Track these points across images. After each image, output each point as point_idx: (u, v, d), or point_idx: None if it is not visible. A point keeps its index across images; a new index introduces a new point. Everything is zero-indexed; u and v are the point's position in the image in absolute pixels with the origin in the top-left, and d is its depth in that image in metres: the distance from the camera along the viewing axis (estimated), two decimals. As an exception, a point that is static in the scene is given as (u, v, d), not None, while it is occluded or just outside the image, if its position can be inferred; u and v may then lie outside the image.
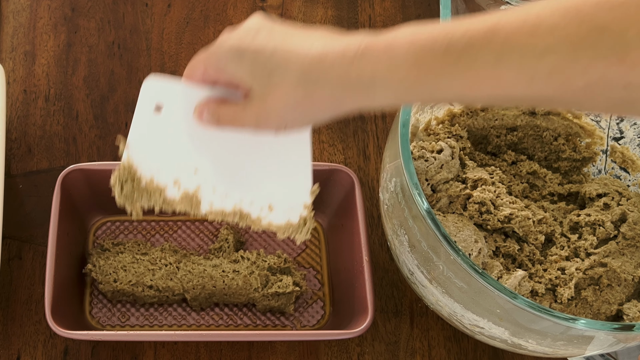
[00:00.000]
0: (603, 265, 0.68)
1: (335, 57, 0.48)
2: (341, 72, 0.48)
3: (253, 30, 0.52)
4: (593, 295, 0.68)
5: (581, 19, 0.40)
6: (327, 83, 0.49)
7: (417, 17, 0.94)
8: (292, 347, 0.76)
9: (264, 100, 0.52)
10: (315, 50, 0.49)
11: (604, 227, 0.71)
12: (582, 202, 0.76)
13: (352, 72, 0.48)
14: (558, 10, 0.41)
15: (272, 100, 0.52)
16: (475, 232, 0.68)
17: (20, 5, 0.91)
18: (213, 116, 0.57)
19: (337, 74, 0.48)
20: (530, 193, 0.76)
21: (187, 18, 0.92)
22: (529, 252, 0.70)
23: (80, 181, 0.76)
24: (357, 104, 0.50)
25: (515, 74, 0.43)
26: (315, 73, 0.49)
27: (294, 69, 0.50)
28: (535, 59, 0.41)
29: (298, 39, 0.50)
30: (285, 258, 0.77)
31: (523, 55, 0.42)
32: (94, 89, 0.87)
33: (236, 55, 0.52)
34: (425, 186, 0.70)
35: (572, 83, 0.41)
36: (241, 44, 0.52)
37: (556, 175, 0.77)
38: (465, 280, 0.61)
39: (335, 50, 0.48)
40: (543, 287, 0.68)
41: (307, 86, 0.50)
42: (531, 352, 0.67)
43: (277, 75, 0.50)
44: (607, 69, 0.40)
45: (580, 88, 0.41)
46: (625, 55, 0.39)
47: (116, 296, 0.75)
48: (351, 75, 0.48)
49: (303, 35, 0.51)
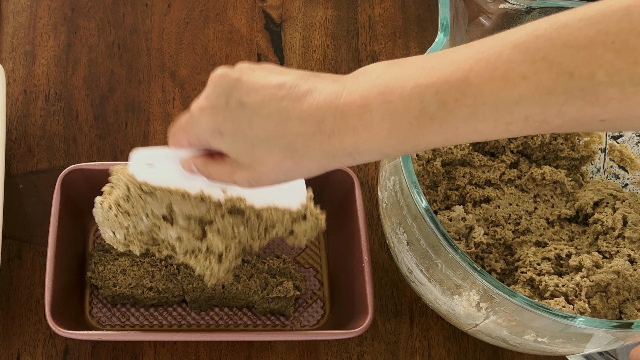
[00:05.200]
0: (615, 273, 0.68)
1: (315, 130, 0.48)
2: (323, 146, 0.48)
3: (222, 96, 0.51)
4: (600, 302, 0.68)
5: (549, 64, 0.40)
6: (312, 155, 0.49)
7: (417, 17, 0.94)
8: (292, 347, 0.76)
9: (254, 168, 0.52)
10: (293, 119, 0.48)
11: (617, 248, 0.71)
12: (584, 217, 0.76)
13: (334, 144, 0.48)
14: (526, 57, 0.41)
15: (262, 169, 0.51)
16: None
17: (20, 5, 0.91)
18: (203, 172, 0.56)
19: (320, 147, 0.48)
20: (540, 212, 0.76)
21: (187, 18, 0.92)
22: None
23: (80, 181, 0.76)
24: (345, 164, 0.50)
25: (492, 123, 0.43)
26: (299, 144, 0.49)
27: (277, 142, 0.49)
28: (510, 108, 0.42)
29: (271, 103, 0.49)
30: (284, 259, 0.76)
31: (497, 107, 0.42)
32: (94, 89, 0.87)
33: (216, 133, 0.52)
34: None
35: (548, 124, 0.42)
36: (217, 122, 0.51)
37: (560, 174, 0.77)
38: (463, 278, 0.61)
39: (312, 119, 0.48)
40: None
41: (294, 157, 0.49)
42: (530, 350, 0.67)
43: (261, 149, 0.50)
44: (581, 109, 0.41)
45: (556, 126, 0.42)
46: (597, 96, 0.40)
47: (116, 300, 0.75)
48: (334, 147, 0.48)
49: (275, 97, 0.49)
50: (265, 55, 0.91)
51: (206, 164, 0.55)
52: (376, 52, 0.92)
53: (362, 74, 0.48)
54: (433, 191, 0.74)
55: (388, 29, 0.94)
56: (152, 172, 0.61)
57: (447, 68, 0.44)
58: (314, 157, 0.49)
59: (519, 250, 0.72)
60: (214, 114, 0.51)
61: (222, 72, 0.51)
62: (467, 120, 0.43)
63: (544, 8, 0.70)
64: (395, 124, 0.45)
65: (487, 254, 0.71)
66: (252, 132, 0.50)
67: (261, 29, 0.93)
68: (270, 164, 0.50)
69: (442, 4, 0.66)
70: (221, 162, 0.54)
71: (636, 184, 0.78)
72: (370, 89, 0.46)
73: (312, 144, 0.48)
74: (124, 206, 0.62)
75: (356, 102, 0.46)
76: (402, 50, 0.92)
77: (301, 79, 0.49)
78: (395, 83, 0.45)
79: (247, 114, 0.49)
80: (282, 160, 0.50)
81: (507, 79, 0.41)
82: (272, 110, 0.49)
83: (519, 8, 0.70)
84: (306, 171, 0.51)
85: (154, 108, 0.87)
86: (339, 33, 0.93)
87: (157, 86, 0.88)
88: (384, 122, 0.45)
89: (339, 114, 0.47)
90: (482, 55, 0.43)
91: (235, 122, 0.50)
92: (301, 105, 0.48)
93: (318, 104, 0.48)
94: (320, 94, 0.48)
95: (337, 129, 0.47)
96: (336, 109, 0.47)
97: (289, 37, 0.92)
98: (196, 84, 0.89)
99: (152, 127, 0.86)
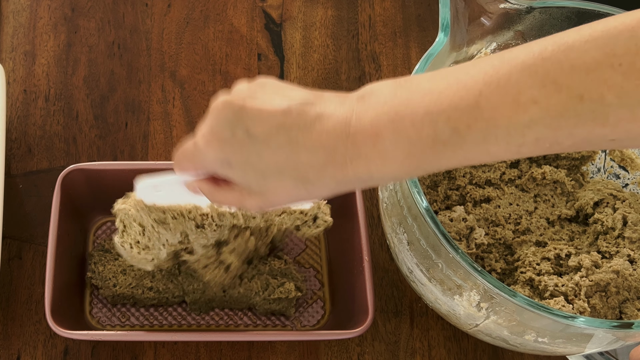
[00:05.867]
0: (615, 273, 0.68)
1: (326, 160, 0.47)
2: (337, 175, 0.47)
3: (228, 127, 0.49)
4: (600, 302, 0.68)
5: (558, 88, 0.41)
6: (325, 184, 0.48)
7: (417, 17, 0.94)
8: (292, 347, 0.76)
9: (265, 195, 0.51)
10: (304, 150, 0.47)
11: (617, 248, 0.71)
12: (584, 217, 0.76)
13: (347, 172, 0.47)
14: (536, 80, 0.41)
15: (274, 197, 0.51)
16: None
17: (20, 5, 0.91)
18: (210, 198, 0.55)
19: (333, 176, 0.47)
20: (540, 212, 0.76)
21: (187, 18, 0.92)
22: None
23: (80, 181, 0.76)
24: (358, 188, 0.50)
25: (504, 146, 0.43)
26: (311, 175, 0.48)
27: (288, 173, 0.48)
28: (521, 132, 0.42)
29: (280, 133, 0.47)
30: (285, 260, 0.76)
31: (508, 130, 0.42)
32: (94, 89, 0.87)
33: (224, 165, 0.51)
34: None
35: (559, 145, 0.43)
36: (225, 154, 0.50)
37: (560, 174, 0.77)
38: (463, 278, 0.61)
39: (323, 149, 0.47)
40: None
41: (306, 186, 0.49)
42: (530, 351, 0.67)
43: (272, 180, 0.49)
44: (591, 131, 0.41)
45: (567, 147, 0.43)
46: (607, 118, 0.40)
47: (117, 300, 0.75)
48: (348, 175, 0.47)
49: (283, 126, 0.47)
50: (265, 55, 0.91)
51: (213, 191, 0.54)
52: (376, 52, 0.92)
53: (368, 97, 0.47)
54: (433, 191, 0.74)
55: (388, 28, 0.94)
56: (159, 196, 0.62)
57: (457, 93, 0.43)
58: (326, 185, 0.48)
59: (518, 250, 0.72)
60: (220, 145, 0.50)
61: (224, 101, 0.49)
62: (480, 144, 0.43)
63: (544, 8, 0.70)
64: (408, 152, 0.45)
65: (487, 254, 0.71)
66: (262, 164, 0.49)
67: (261, 28, 0.93)
68: (281, 193, 0.50)
69: (443, 3, 0.66)
70: (229, 188, 0.53)
71: (636, 184, 0.78)
72: (380, 116, 0.45)
73: (324, 174, 0.48)
74: (143, 242, 0.64)
75: (367, 130, 0.45)
76: (402, 50, 0.92)
77: (307, 103, 0.48)
78: (405, 110, 0.45)
79: (255, 145, 0.48)
80: (294, 189, 0.49)
81: (518, 103, 0.42)
82: (281, 141, 0.47)
83: (520, 8, 0.70)
84: (318, 196, 0.50)
85: (154, 108, 0.87)
86: (339, 33, 0.93)
87: (157, 86, 0.88)
88: (396, 150, 0.45)
89: (351, 143, 0.46)
90: (491, 79, 0.43)
91: (244, 154, 0.49)
92: (311, 134, 0.47)
93: (328, 133, 0.46)
94: (329, 120, 0.47)
95: (350, 158, 0.46)
96: (347, 137, 0.46)
97: (289, 37, 0.92)
98: (196, 83, 0.89)
99: (152, 127, 0.86)
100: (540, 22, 0.71)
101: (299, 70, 0.90)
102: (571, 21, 0.71)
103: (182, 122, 0.86)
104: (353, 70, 0.91)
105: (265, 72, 0.90)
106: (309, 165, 0.47)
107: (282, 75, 0.90)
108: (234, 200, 0.53)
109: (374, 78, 0.90)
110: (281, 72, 0.90)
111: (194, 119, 0.87)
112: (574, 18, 0.71)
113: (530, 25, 0.71)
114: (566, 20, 0.71)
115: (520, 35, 0.72)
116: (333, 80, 0.90)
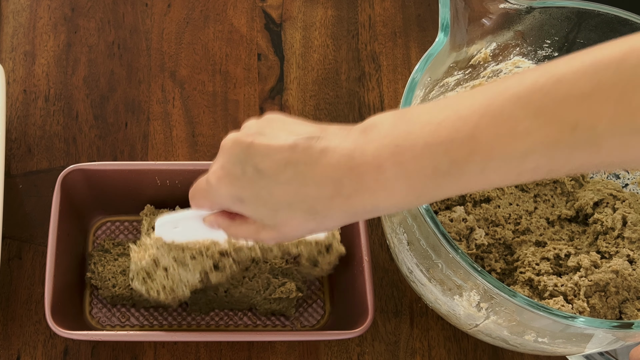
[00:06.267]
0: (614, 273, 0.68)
1: (333, 193, 0.49)
2: (344, 207, 0.49)
3: (238, 165, 0.51)
4: (599, 302, 0.68)
5: (551, 119, 0.42)
6: (333, 215, 0.50)
7: (417, 17, 0.94)
8: (292, 347, 0.76)
9: (278, 229, 0.53)
10: (311, 183, 0.49)
11: (617, 248, 0.71)
12: (584, 217, 0.76)
13: (354, 204, 0.49)
14: (529, 112, 0.42)
15: (287, 229, 0.53)
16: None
17: (20, 5, 0.91)
18: (227, 232, 0.58)
19: (340, 208, 0.49)
20: (540, 212, 0.76)
21: (187, 18, 0.92)
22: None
23: (80, 181, 0.76)
24: (366, 218, 0.52)
25: (503, 175, 0.45)
26: (320, 207, 0.50)
27: (298, 206, 0.50)
28: (518, 162, 0.43)
29: (288, 168, 0.49)
30: (286, 259, 0.76)
31: (506, 161, 0.44)
32: (94, 89, 0.87)
33: (236, 201, 0.53)
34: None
35: (556, 172, 0.44)
36: (236, 191, 0.52)
37: None
38: (463, 278, 0.61)
39: (329, 183, 0.48)
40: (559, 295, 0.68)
41: (316, 218, 0.51)
42: (530, 351, 0.67)
43: (283, 213, 0.51)
44: (587, 159, 0.42)
45: (564, 172, 0.44)
46: (600, 147, 0.41)
47: (116, 301, 0.75)
48: (354, 207, 0.49)
49: (290, 162, 0.49)
50: (265, 55, 0.91)
51: (230, 225, 0.57)
52: (376, 52, 0.92)
53: (370, 129, 0.48)
54: (433, 191, 0.74)
55: (388, 28, 0.94)
56: (177, 232, 0.64)
57: (454, 125, 0.45)
58: (335, 216, 0.50)
59: (518, 250, 0.72)
60: (232, 183, 0.52)
61: (234, 139, 0.51)
62: (479, 174, 0.45)
63: (544, 8, 0.70)
64: (410, 184, 0.46)
65: (487, 254, 0.71)
66: (272, 199, 0.50)
67: (261, 28, 0.93)
68: (294, 225, 0.52)
69: (442, 3, 0.66)
70: (244, 222, 0.55)
71: (636, 184, 0.78)
72: (381, 149, 0.47)
73: (332, 206, 0.49)
74: (168, 285, 0.67)
75: (370, 163, 0.47)
76: (402, 50, 0.92)
77: (312, 137, 0.49)
78: (405, 143, 0.46)
79: (265, 181, 0.50)
80: (305, 221, 0.51)
81: (513, 135, 0.43)
82: (289, 176, 0.49)
83: (520, 8, 0.70)
84: (329, 228, 0.53)
85: (154, 108, 0.87)
86: (339, 33, 0.93)
87: (157, 86, 0.88)
88: (398, 182, 0.47)
89: (355, 176, 0.48)
90: (486, 110, 0.44)
91: (255, 190, 0.51)
92: (317, 168, 0.49)
93: (333, 166, 0.48)
94: (334, 154, 0.48)
95: (355, 190, 0.48)
96: (352, 171, 0.48)
97: (289, 37, 0.92)
98: (196, 83, 0.89)
99: (152, 127, 0.86)
100: (540, 22, 0.71)
101: (298, 70, 0.90)
102: (571, 21, 0.71)
103: (182, 122, 0.86)
104: (353, 70, 0.91)
105: (265, 72, 0.90)
106: (317, 198, 0.49)
107: (282, 76, 0.90)
108: (251, 233, 0.55)
109: (374, 78, 0.90)
110: (281, 72, 0.90)
111: (194, 119, 0.87)
112: (574, 18, 0.71)
113: (530, 25, 0.71)
114: (566, 20, 0.71)
115: (520, 35, 0.72)
116: (333, 80, 0.90)
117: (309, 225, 0.52)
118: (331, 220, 0.51)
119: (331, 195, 0.49)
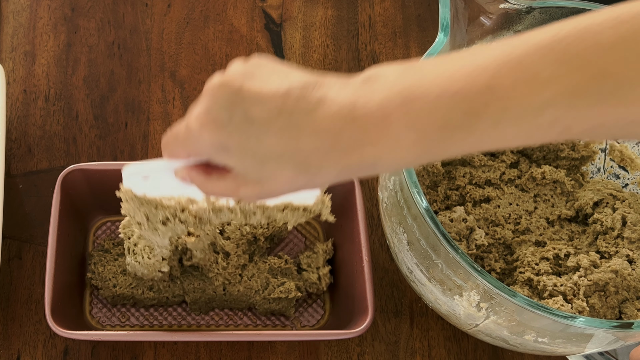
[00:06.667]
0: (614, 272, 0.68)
1: (331, 145, 0.45)
2: (341, 161, 0.45)
3: (225, 110, 0.46)
4: (599, 301, 0.68)
5: (576, 66, 0.40)
6: (328, 170, 0.46)
7: (417, 17, 0.94)
8: (292, 347, 0.76)
9: (263, 184, 0.48)
10: (306, 135, 0.45)
11: (616, 248, 0.71)
12: (584, 217, 0.76)
13: (352, 158, 0.45)
14: (552, 59, 0.40)
15: (272, 185, 0.48)
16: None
17: (20, 5, 0.91)
18: (202, 188, 0.53)
19: (337, 162, 0.45)
20: (540, 212, 0.76)
21: (187, 18, 0.92)
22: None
23: (80, 181, 0.76)
24: (362, 176, 0.48)
25: (516, 130, 0.42)
26: (314, 161, 0.45)
27: (289, 159, 0.46)
28: (535, 114, 0.41)
29: (281, 117, 0.45)
30: (286, 259, 0.76)
31: (523, 113, 0.41)
32: (94, 89, 0.87)
33: (220, 150, 0.47)
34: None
35: (573, 129, 0.41)
36: (221, 139, 0.47)
37: (560, 174, 0.77)
38: (463, 278, 0.61)
39: (327, 134, 0.45)
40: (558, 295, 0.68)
41: (308, 173, 0.46)
42: (530, 351, 0.67)
43: (272, 166, 0.46)
44: (608, 112, 0.40)
45: (581, 131, 0.41)
46: (626, 97, 0.39)
47: (116, 300, 0.75)
48: (353, 161, 0.45)
49: (284, 110, 0.45)
50: (265, 55, 0.91)
51: (205, 181, 0.51)
52: (376, 52, 0.92)
53: (375, 80, 0.45)
54: (433, 191, 0.74)
55: (388, 28, 0.94)
56: (148, 185, 0.58)
57: (471, 74, 0.42)
58: (330, 171, 0.46)
59: (518, 250, 0.72)
60: (217, 129, 0.47)
61: (221, 82, 0.46)
62: (492, 128, 0.42)
63: (544, 8, 0.70)
64: (419, 136, 0.43)
65: (486, 254, 0.71)
66: (261, 149, 0.46)
67: (261, 28, 0.93)
68: (281, 180, 0.47)
69: (442, 3, 0.66)
70: (222, 177, 0.50)
71: (636, 184, 0.78)
72: (389, 99, 0.43)
73: (327, 160, 0.45)
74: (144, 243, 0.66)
75: (375, 113, 0.43)
76: (402, 50, 0.92)
77: (308, 86, 0.45)
78: (415, 93, 0.42)
79: (254, 129, 0.45)
80: (294, 176, 0.46)
81: (534, 82, 0.40)
82: (282, 125, 0.45)
83: (519, 8, 0.70)
84: (320, 184, 0.48)
85: (154, 108, 0.87)
86: (339, 33, 0.93)
87: (157, 86, 0.88)
88: (407, 134, 0.43)
89: (357, 127, 0.44)
90: (507, 58, 0.41)
91: (242, 138, 0.46)
92: (314, 118, 0.44)
93: (332, 117, 0.44)
94: (333, 104, 0.44)
95: (356, 143, 0.44)
96: (353, 121, 0.44)
97: (289, 37, 0.92)
98: (196, 83, 0.89)
99: (152, 127, 0.86)
100: (540, 22, 0.71)
101: (299, 70, 0.90)
102: (571, 21, 0.71)
103: (182, 122, 0.86)
104: (353, 71, 0.91)
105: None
106: (312, 150, 0.45)
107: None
108: (228, 190, 0.50)
109: (374, 78, 0.90)
110: (281, 72, 0.90)
111: (194, 119, 0.87)
112: (574, 18, 0.71)
113: (530, 25, 0.71)
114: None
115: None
116: (333, 80, 0.90)
117: (298, 181, 0.47)
118: (323, 176, 0.46)
119: (328, 148, 0.44)
